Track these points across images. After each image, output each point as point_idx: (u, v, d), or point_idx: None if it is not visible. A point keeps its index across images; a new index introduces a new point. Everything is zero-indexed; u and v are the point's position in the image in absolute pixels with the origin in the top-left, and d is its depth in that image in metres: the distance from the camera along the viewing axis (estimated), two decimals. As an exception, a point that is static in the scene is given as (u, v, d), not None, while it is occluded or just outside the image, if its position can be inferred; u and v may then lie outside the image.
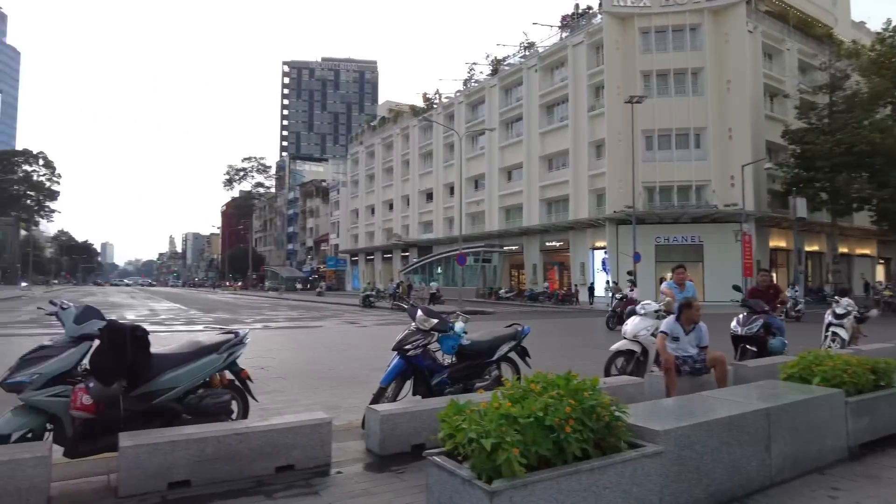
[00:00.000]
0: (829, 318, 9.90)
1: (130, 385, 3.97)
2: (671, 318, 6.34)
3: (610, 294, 31.21)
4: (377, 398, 5.16)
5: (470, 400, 3.00)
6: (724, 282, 19.60)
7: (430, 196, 52.92)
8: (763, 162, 31.54)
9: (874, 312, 11.85)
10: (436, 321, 5.40)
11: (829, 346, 9.51)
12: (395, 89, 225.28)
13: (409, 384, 5.52)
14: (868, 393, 4.53)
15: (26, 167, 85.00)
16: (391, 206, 59.39)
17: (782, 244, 35.20)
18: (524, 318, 23.04)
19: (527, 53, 43.71)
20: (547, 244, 40.16)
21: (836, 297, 10.47)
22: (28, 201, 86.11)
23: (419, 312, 5.50)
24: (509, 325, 6.24)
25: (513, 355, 6.08)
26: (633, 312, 7.48)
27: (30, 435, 3.71)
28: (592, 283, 34.50)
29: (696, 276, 31.74)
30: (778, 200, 34.56)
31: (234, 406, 4.67)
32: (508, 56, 45.94)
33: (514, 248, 42.92)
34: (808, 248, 35.81)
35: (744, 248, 28.57)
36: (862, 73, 33.73)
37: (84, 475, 3.81)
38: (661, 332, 6.18)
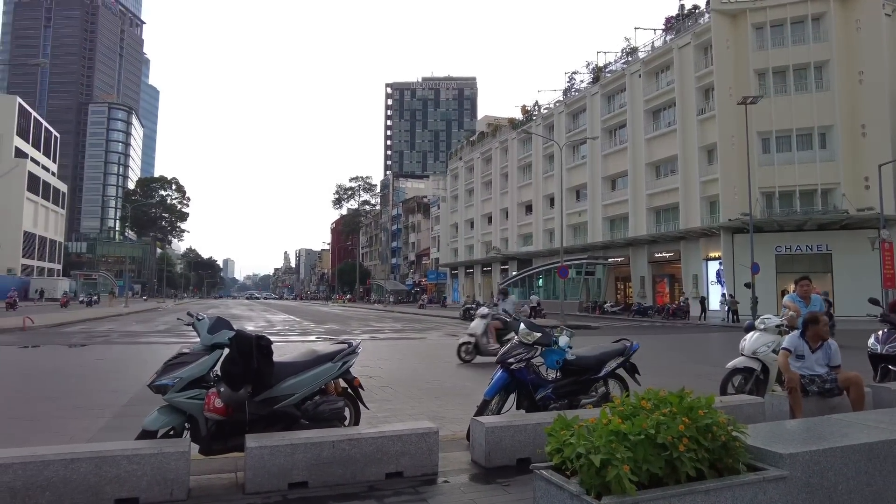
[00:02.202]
0: None
1: (255, 391, 4.30)
2: (795, 333, 5.86)
3: (726, 308, 29.34)
4: (481, 410, 5.21)
5: (577, 415, 2.97)
6: (859, 294, 17.60)
7: (529, 208, 52.59)
8: (905, 160, 28.24)
9: None
10: (539, 335, 5.36)
11: None
12: (493, 103, 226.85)
13: (512, 398, 5.52)
14: None
15: (162, 192, 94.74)
16: (490, 220, 59.66)
17: (933, 251, 31.22)
18: (631, 333, 22.18)
19: (629, 59, 42.49)
20: (656, 255, 38.46)
21: None
22: (163, 223, 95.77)
23: (522, 325, 5.49)
24: (617, 341, 6.06)
25: (621, 372, 5.90)
26: (752, 327, 6.99)
27: (171, 432, 4.13)
28: (704, 297, 32.44)
29: (824, 287, 28.95)
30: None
31: (347, 413, 4.92)
32: (610, 63, 44.89)
33: (619, 259, 41.50)
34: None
35: (883, 257, 25.62)
36: None
37: (216, 471, 4.17)
38: (784, 348, 5.73)
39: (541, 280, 46.88)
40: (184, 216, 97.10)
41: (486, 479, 4.07)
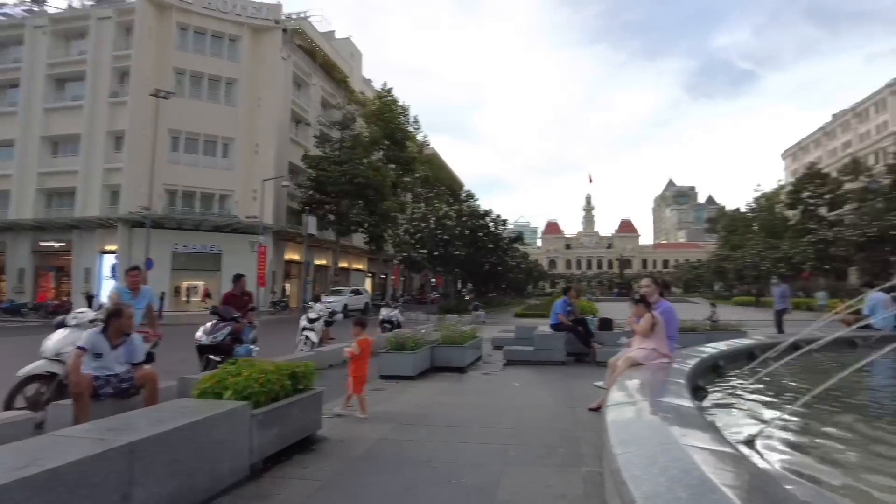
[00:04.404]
0: (303, 322, 10.54)
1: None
2: (94, 329, 5.16)
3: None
4: None
5: None
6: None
7: None
8: (282, 180, 33.76)
9: (339, 317, 13.48)
10: None
11: (302, 349, 10.07)
12: None
13: None
14: (281, 401, 4.38)
15: None
16: None
17: (296, 257, 38.36)
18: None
19: (35, 9, 35.53)
20: (42, 244, 32.97)
21: (310, 303, 11.28)
22: None
23: None
24: None
25: None
26: (63, 324, 5.92)
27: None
28: (91, 294, 29.56)
29: (215, 285, 31.30)
30: (295, 217, 37.62)
31: None
32: (8, 4, 36.41)
33: (-9, 246, 33.47)
34: (317, 262, 40.06)
35: (259, 259, 29.60)
36: (366, 120, 40.42)
37: None
38: (79, 347, 4.93)
39: None
40: None
41: None
